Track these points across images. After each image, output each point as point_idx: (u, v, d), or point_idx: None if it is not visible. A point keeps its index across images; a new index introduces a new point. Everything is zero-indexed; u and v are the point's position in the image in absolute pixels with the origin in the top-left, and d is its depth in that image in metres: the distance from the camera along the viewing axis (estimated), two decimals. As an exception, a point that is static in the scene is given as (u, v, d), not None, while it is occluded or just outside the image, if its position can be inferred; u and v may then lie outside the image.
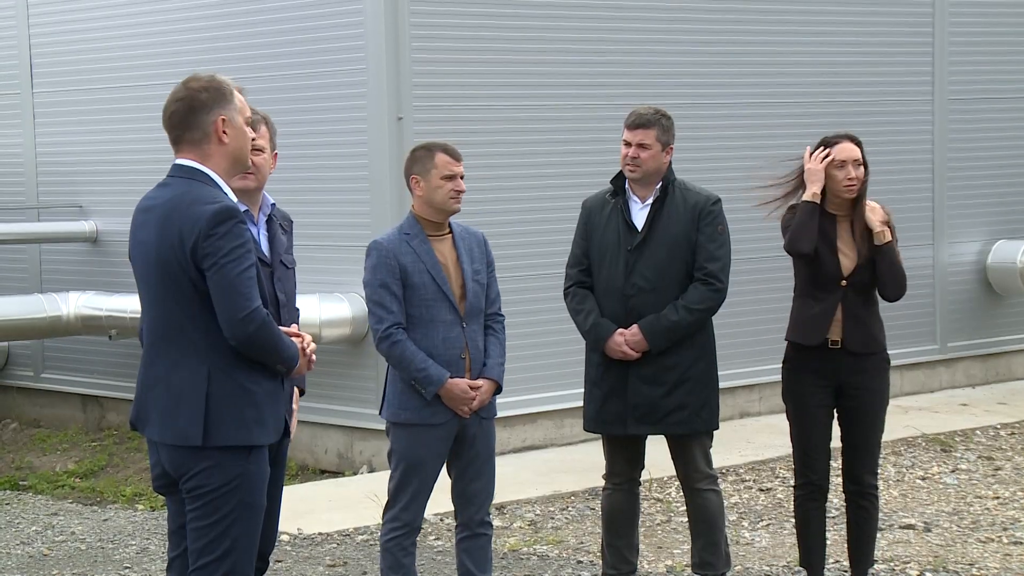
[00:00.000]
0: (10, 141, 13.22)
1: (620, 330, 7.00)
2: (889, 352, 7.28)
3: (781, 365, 7.23)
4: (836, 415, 7.19)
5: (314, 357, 5.50)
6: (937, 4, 13.21)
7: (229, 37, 11.49)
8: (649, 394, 7.00)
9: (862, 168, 7.02)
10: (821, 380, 7.06)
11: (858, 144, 7.07)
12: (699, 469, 7.14)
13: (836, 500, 9.16)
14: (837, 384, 7.06)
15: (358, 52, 10.65)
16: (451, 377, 6.53)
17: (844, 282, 7.00)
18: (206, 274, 5.06)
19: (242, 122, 5.23)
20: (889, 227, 7.08)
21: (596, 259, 7.10)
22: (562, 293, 7.27)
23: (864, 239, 7.02)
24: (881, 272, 6.98)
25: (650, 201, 7.06)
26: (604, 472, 7.28)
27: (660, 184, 7.07)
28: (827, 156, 7.00)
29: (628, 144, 7.01)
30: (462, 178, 6.62)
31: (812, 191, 6.99)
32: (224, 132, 5.19)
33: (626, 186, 7.12)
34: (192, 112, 5.16)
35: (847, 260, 7.02)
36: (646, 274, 7.01)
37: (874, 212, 7.05)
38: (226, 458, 5.13)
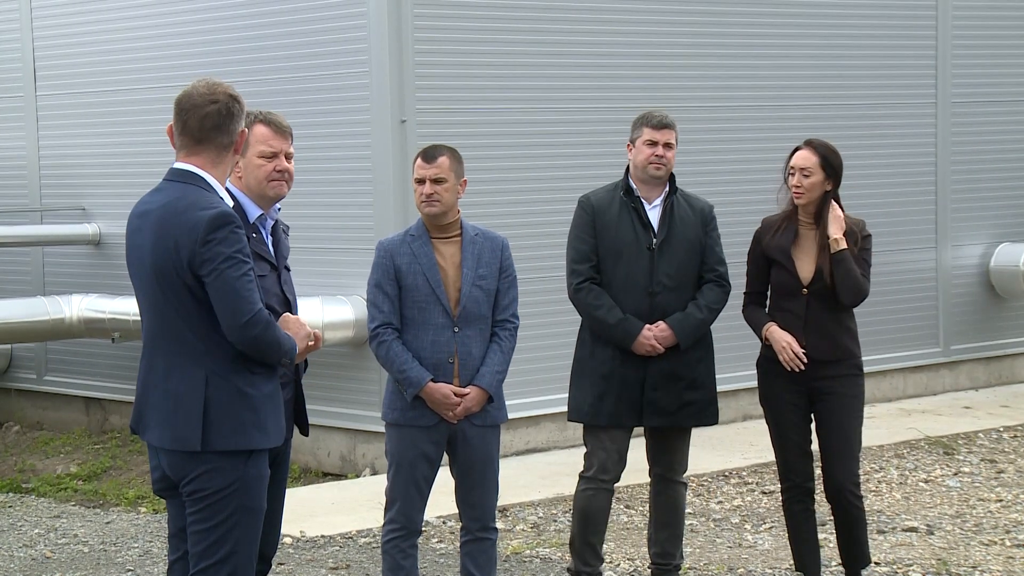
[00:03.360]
0: (13, 144, 13.22)
1: (648, 326, 7.14)
2: (892, 355, 7.30)
3: (756, 369, 7.30)
4: (814, 419, 7.24)
5: (311, 341, 5.48)
6: (940, 7, 13.21)
7: (233, 40, 11.50)
8: (669, 388, 7.20)
9: (813, 178, 7.03)
10: (792, 384, 7.15)
11: (821, 152, 7.07)
12: (682, 462, 7.39)
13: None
14: (808, 388, 7.13)
15: (361, 55, 10.65)
16: (434, 381, 6.53)
17: (805, 290, 7.08)
18: (205, 280, 5.05)
19: None
20: (854, 236, 7.09)
21: (611, 256, 7.22)
22: (568, 289, 7.30)
23: (824, 248, 7.05)
24: (836, 279, 7.04)
25: (659, 202, 7.27)
26: (589, 471, 7.32)
27: (667, 187, 7.29)
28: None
29: (654, 143, 7.19)
30: (437, 182, 6.56)
31: (771, 332, 7.15)
32: (240, 144, 5.27)
33: (632, 187, 7.25)
34: (230, 118, 5.18)
35: (806, 269, 7.10)
36: (669, 272, 7.21)
37: (835, 220, 7.06)
38: (225, 462, 5.13)
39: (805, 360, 7.04)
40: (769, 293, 7.29)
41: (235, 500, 5.15)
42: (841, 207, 7.16)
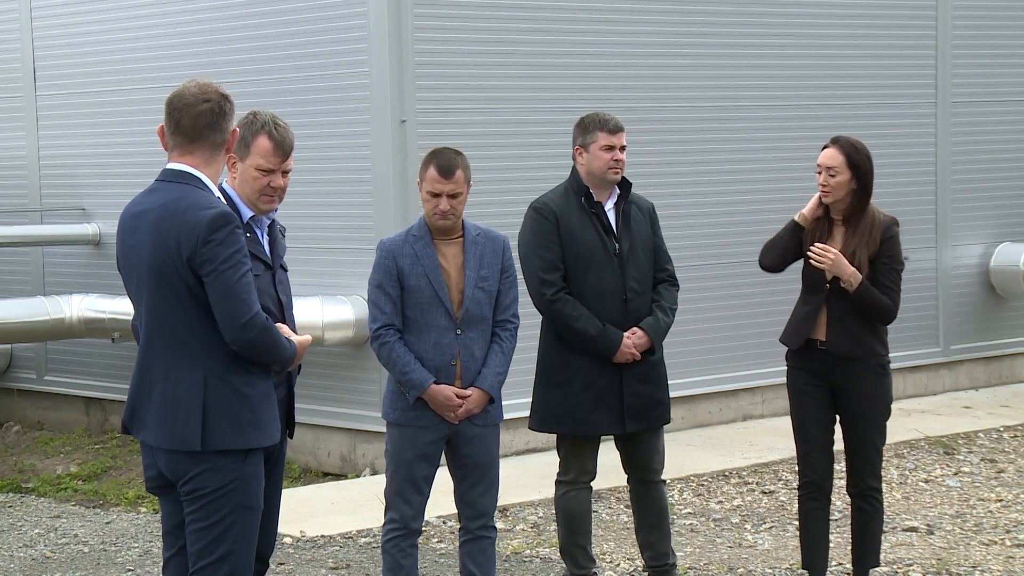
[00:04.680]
0: (13, 144, 13.22)
1: (626, 334, 7.17)
2: (892, 355, 7.31)
3: (785, 362, 7.34)
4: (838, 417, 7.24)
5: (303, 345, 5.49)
6: (940, 7, 13.21)
7: (233, 40, 11.50)
8: (645, 392, 7.25)
9: (840, 177, 7.02)
10: (816, 380, 7.15)
11: (846, 150, 7.06)
12: (661, 462, 7.43)
13: (840, 503, 9.16)
14: (832, 385, 7.14)
15: (361, 55, 10.65)
16: (437, 383, 6.53)
17: (827, 285, 7.08)
18: (204, 280, 5.07)
19: None
20: (891, 251, 7.11)
21: (580, 264, 7.19)
22: (539, 300, 7.22)
23: (848, 244, 7.05)
24: (860, 309, 7.05)
25: (611, 205, 7.29)
26: (568, 475, 7.35)
27: (617, 188, 7.31)
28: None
29: (611, 148, 7.21)
30: (452, 197, 6.52)
31: (801, 211, 7.18)
32: (232, 143, 5.29)
33: (591, 192, 7.27)
34: (223, 116, 5.19)
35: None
36: (636, 277, 7.25)
37: (839, 264, 6.96)
38: (223, 461, 5.16)
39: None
40: (802, 284, 7.26)
41: (234, 498, 5.17)
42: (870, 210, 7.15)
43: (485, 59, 10.91)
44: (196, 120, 5.17)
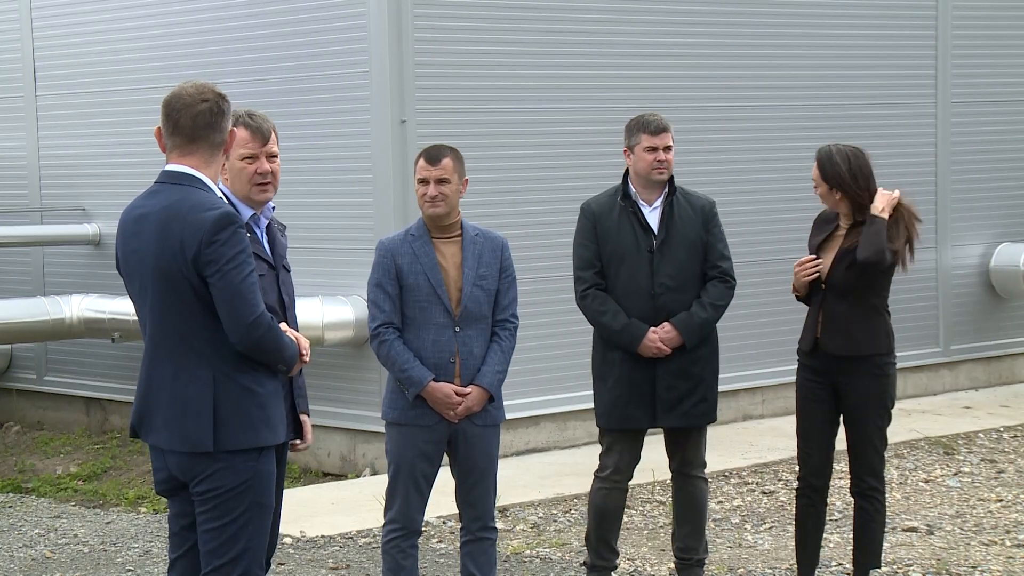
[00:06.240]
0: (13, 144, 13.23)
1: (653, 328, 7.19)
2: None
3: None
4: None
5: (307, 359, 5.50)
6: (940, 7, 13.21)
7: (233, 40, 11.50)
8: (679, 387, 7.27)
9: (819, 189, 7.12)
10: (819, 378, 7.20)
11: (821, 164, 7.12)
12: (698, 457, 7.47)
13: (840, 503, 9.17)
14: (834, 384, 7.18)
15: (361, 55, 10.65)
16: (436, 380, 6.54)
17: (823, 285, 7.14)
18: (209, 281, 5.07)
19: None
20: (907, 220, 7.16)
21: (613, 261, 7.28)
22: (575, 296, 7.38)
23: (850, 235, 7.11)
24: (863, 234, 7.02)
25: (658, 204, 7.32)
26: (604, 472, 7.40)
27: (667, 187, 7.34)
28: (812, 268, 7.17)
29: (654, 149, 7.26)
30: (441, 183, 6.56)
31: (792, 284, 7.27)
32: (231, 144, 5.30)
33: (631, 191, 7.29)
34: (221, 115, 5.19)
35: (827, 264, 7.15)
36: (670, 273, 7.26)
37: (883, 197, 7.13)
38: (237, 460, 5.16)
39: (815, 269, 7.11)
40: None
41: (248, 497, 5.18)
42: (903, 209, 7.17)
43: (485, 59, 10.91)
44: (195, 120, 5.16)
